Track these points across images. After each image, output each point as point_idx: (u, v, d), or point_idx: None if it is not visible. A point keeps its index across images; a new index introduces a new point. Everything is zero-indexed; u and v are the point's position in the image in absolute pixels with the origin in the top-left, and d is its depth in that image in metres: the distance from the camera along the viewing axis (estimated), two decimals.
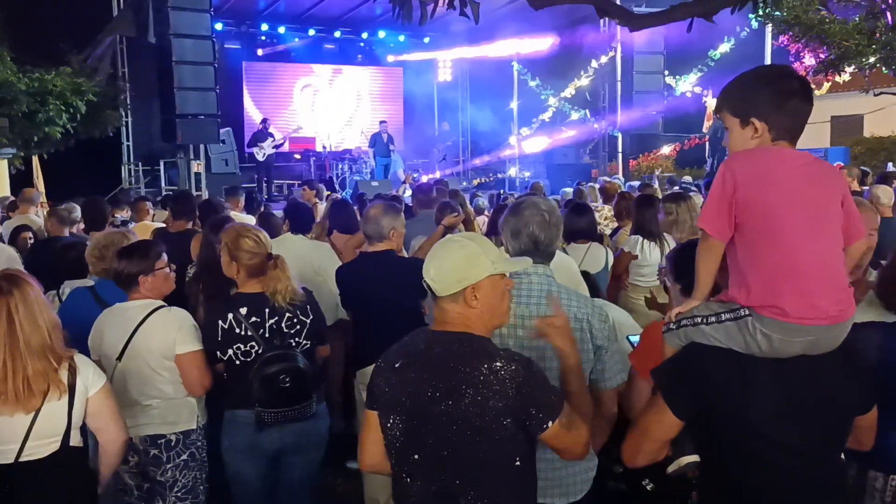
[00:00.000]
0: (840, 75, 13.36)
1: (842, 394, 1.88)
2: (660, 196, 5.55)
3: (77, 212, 5.64)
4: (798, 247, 1.74)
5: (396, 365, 1.98)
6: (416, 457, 1.93)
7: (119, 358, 2.96)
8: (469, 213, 6.78)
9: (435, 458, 1.91)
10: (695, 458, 1.94)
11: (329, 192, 11.37)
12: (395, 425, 1.96)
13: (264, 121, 15.66)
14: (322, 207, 7.69)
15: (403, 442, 1.95)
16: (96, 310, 3.18)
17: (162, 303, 3.08)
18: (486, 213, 8.03)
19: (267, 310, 2.99)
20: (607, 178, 8.81)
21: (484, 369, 1.87)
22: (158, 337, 2.97)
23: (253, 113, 17.54)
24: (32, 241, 5.54)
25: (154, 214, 7.63)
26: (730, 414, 1.83)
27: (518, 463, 1.93)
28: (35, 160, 11.77)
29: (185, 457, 3.06)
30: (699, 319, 1.89)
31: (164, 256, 3.17)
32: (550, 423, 1.89)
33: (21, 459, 2.33)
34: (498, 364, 1.88)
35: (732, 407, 1.82)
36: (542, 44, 16.31)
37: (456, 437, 1.88)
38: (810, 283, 1.74)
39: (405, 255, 3.78)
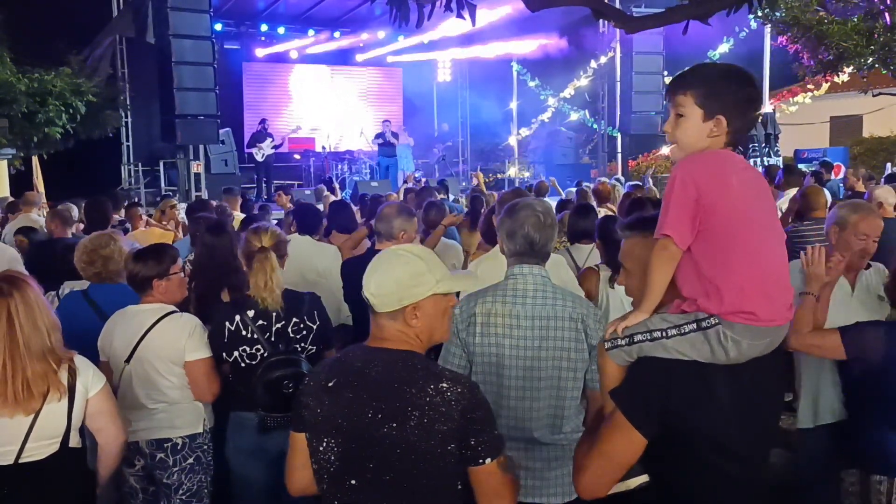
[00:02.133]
0: (839, 76, 13.41)
1: (776, 393, 1.89)
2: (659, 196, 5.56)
3: (75, 211, 5.65)
4: (765, 251, 1.72)
5: (329, 384, 1.84)
6: (353, 482, 1.80)
7: (128, 360, 2.95)
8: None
9: (375, 483, 1.79)
10: (644, 478, 1.81)
11: (328, 193, 11.38)
12: (329, 449, 1.82)
13: (263, 121, 15.64)
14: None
15: (339, 467, 1.82)
16: (89, 313, 3.17)
17: (173, 308, 3.05)
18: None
19: (274, 314, 2.98)
20: (604, 179, 8.80)
21: (430, 390, 1.77)
22: (168, 342, 2.96)
23: (252, 113, 17.53)
24: (25, 243, 5.52)
25: (147, 220, 7.64)
26: (693, 427, 1.75)
27: (459, 487, 1.83)
28: (35, 160, 11.79)
29: (191, 460, 3.05)
30: (658, 334, 1.75)
31: (180, 261, 3.15)
32: (488, 460, 1.79)
33: (20, 461, 2.34)
34: (444, 385, 1.78)
35: (698, 420, 1.75)
36: (542, 44, 16.33)
37: (400, 462, 1.76)
38: (775, 287, 1.73)
39: None
